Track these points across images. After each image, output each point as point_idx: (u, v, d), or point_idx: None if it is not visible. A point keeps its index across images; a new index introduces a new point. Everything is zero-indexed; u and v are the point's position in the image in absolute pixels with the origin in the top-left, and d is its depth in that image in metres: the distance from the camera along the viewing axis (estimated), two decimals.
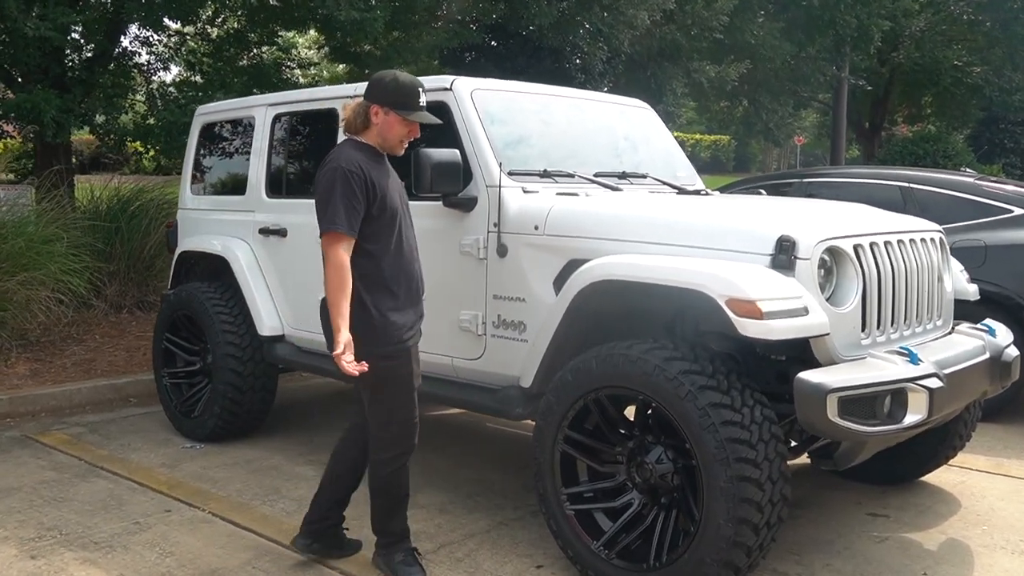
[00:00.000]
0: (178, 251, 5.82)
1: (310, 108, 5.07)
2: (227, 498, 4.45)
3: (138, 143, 8.62)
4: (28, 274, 6.53)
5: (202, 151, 5.95)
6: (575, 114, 4.86)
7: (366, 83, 3.50)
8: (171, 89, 8.92)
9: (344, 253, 3.22)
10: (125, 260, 8.28)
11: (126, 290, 8.29)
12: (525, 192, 4.06)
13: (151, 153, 9.32)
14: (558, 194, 4.07)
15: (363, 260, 3.29)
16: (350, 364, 3.15)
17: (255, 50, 9.41)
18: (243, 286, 5.23)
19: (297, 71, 13.66)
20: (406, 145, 3.42)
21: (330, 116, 4.88)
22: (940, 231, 4.10)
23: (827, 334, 3.20)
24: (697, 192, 4.63)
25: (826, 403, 2.98)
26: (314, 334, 4.93)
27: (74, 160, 18.39)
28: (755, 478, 3.03)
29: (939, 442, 4.38)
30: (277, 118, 5.26)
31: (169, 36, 9.30)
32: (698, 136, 35.96)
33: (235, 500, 4.42)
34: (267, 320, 5.16)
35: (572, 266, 3.70)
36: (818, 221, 3.49)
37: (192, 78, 9.26)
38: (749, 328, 3.05)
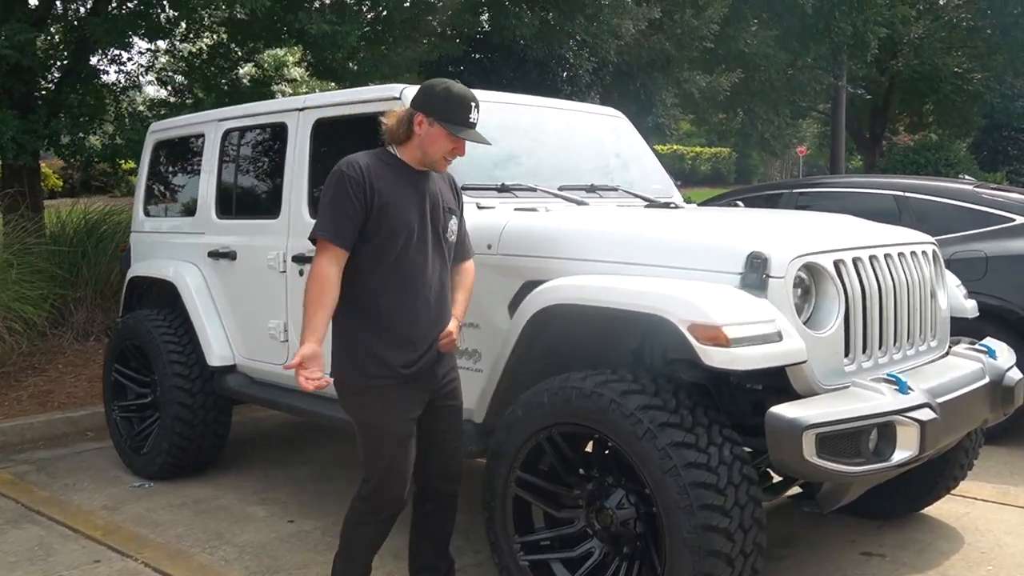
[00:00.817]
0: (128, 276, 5.50)
1: (260, 123, 4.76)
2: (165, 545, 4.10)
3: (105, 164, 8.31)
4: None
5: (155, 170, 5.63)
6: (541, 124, 4.54)
7: (312, 95, 3.16)
8: (141, 108, 8.62)
9: (328, 264, 2.81)
10: (92, 285, 7.96)
11: (93, 316, 7.96)
12: (480, 208, 3.73)
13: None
14: (516, 210, 3.75)
15: (349, 279, 2.87)
16: (304, 379, 2.75)
17: (226, 66, 9.09)
18: (192, 313, 4.90)
19: (283, 87, 13.42)
20: (450, 162, 3.03)
21: (281, 131, 4.57)
22: (933, 243, 3.75)
23: (804, 361, 2.85)
24: (667, 205, 4.29)
25: (802, 441, 2.63)
26: (268, 364, 4.61)
27: (63, 184, 18.22)
28: (724, 527, 2.67)
29: (939, 473, 4.02)
30: (227, 134, 4.95)
31: (140, 54, 9.03)
32: (698, 148, 35.60)
33: (173, 547, 4.07)
34: (217, 349, 4.82)
35: (528, 288, 3.36)
36: (794, 235, 3.14)
37: (165, 97, 8.96)
38: (714, 357, 2.70)
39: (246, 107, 4.98)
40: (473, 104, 2.92)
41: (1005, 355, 3.58)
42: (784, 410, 2.68)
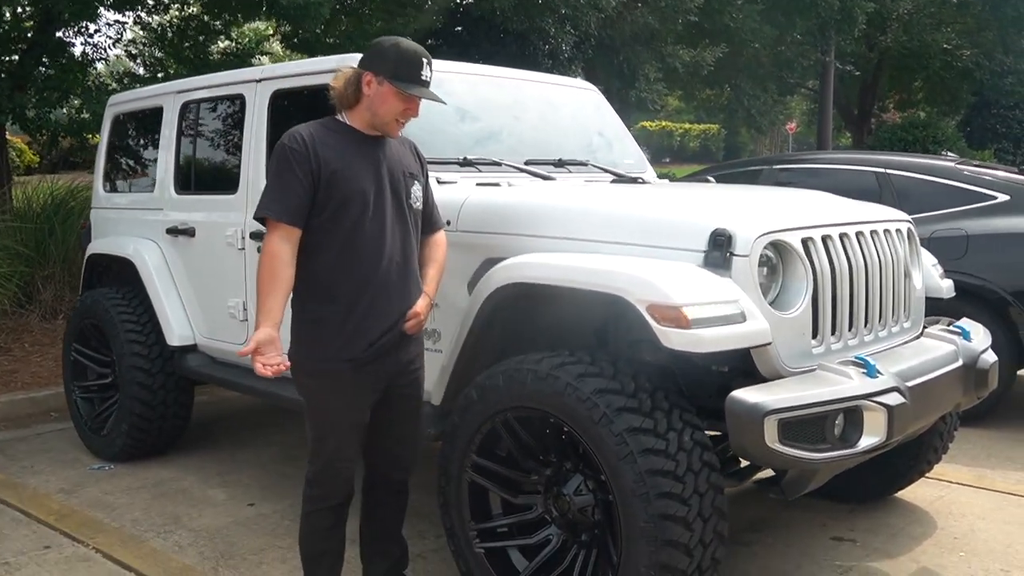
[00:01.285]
0: (87, 253, 5.34)
1: (218, 94, 4.59)
2: (119, 530, 3.98)
3: (72, 138, 8.11)
4: None
5: (114, 144, 5.46)
6: (509, 96, 4.39)
7: (269, 65, 2.98)
8: (108, 82, 8.41)
9: (278, 243, 2.64)
10: (60, 263, 7.80)
11: (61, 294, 7.81)
12: (440, 183, 3.59)
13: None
14: (477, 184, 3.61)
15: (304, 256, 2.70)
16: (261, 364, 2.60)
17: (201, 40, 8.87)
18: (150, 291, 4.75)
19: (264, 62, 13.16)
20: (403, 125, 2.81)
21: (239, 103, 4.41)
22: (908, 221, 3.62)
23: (768, 343, 2.74)
24: (635, 180, 4.15)
25: (763, 427, 2.52)
26: (228, 344, 4.48)
27: (39, 160, 17.92)
28: (682, 516, 2.56)
29: (912, 456, 3.93)
30: (185, 106, 4.78)
31: (108, 25, 8.80)
32: (687, 125, 35.38)
33: (127, 532, 3.95)
34: (176, 329, 4.69)
35: (488, 266, 3.22)
36: (760, 212, 3.01)
37: (133, 70, 8.74)
38: (673, 339, 2.58)
39: (204, 78, 4.81)
40: (425, 61, 2.73)
41: (980, 337, 3.47)
42: (745, 395, 2.56)
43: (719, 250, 2.78)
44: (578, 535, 2.92)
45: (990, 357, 3.35)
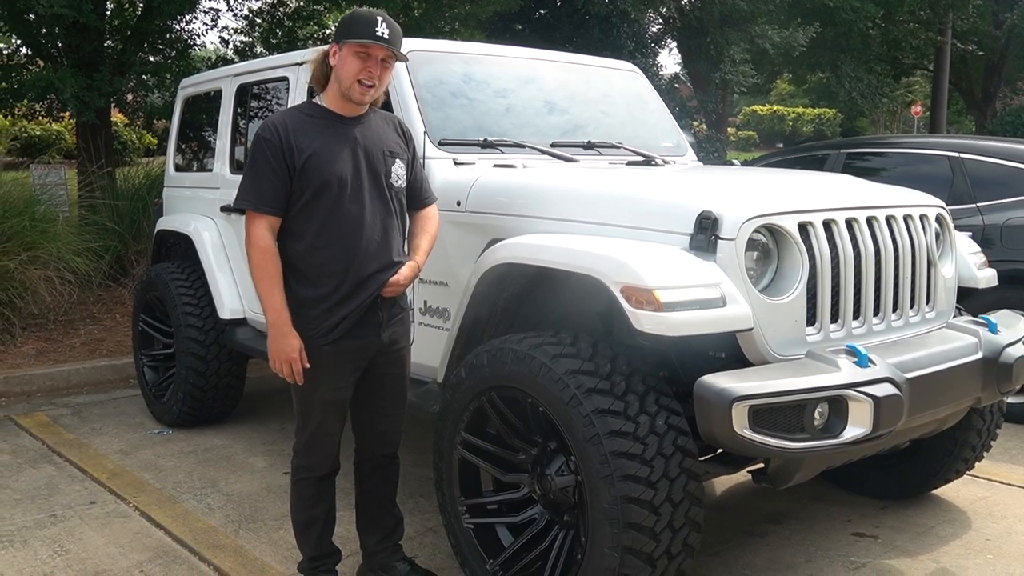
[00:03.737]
0: (156, 230, 5.64)
1: (266, 77, 4.77)
2: (160, 491, 4.22)
3: (165, 121, 8.54)
4: (31, 254, 6.51)
5: (183, 125, 5.75)
6: (545, 79, 4.39)
7: (309, 49, 3.05)
8: (200, 67, 8.81)
9: (261, 232, 2.73)
10: (152, 239, 8.23)
11: None
12: (456, 164, 3.65)
13: None
14: (494, 166, 3.64)
15: (284, 238, 2.79)
16: (289, 368, 2.77)
17: (289, 24, 9.18)
18: (205, 267, 5.00)
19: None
20: (369, 88, 2.77)
21: (285, 85, 4.57)
22: (940, 206, 3.45)
23: (750, 329, 2.67)
24: (650, 161, 4.07)
25: (731, 413, 2.46)
26: None
27: (159, 142, 18.85)
28: (647, 500, 2.54)
29: (946, 454, 3.76)
30: (240, 89, 4.99)
31: (203, 12, 9.21)
32: (800, 109, 34.20)
33: (168, 493, 4.19)
34: (228, 303, 4.91)
35: (492, 246, 3.26)
36: (754, 195, 2.93)
37: (225, 55, 9.12)
38: (644, 321, 2.56)
39: (256, 62, 5.00)
40: (379, 19, 2.73)
41: (1011, 330, 3.27)
42: (714, 380, 2.51)
43: (704, 233, 2.73)
44: (561, 515, 2.93)
45: (1017, 351, 3.16)
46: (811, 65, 13.29)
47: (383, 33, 2.72)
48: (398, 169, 2.89)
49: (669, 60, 53.14)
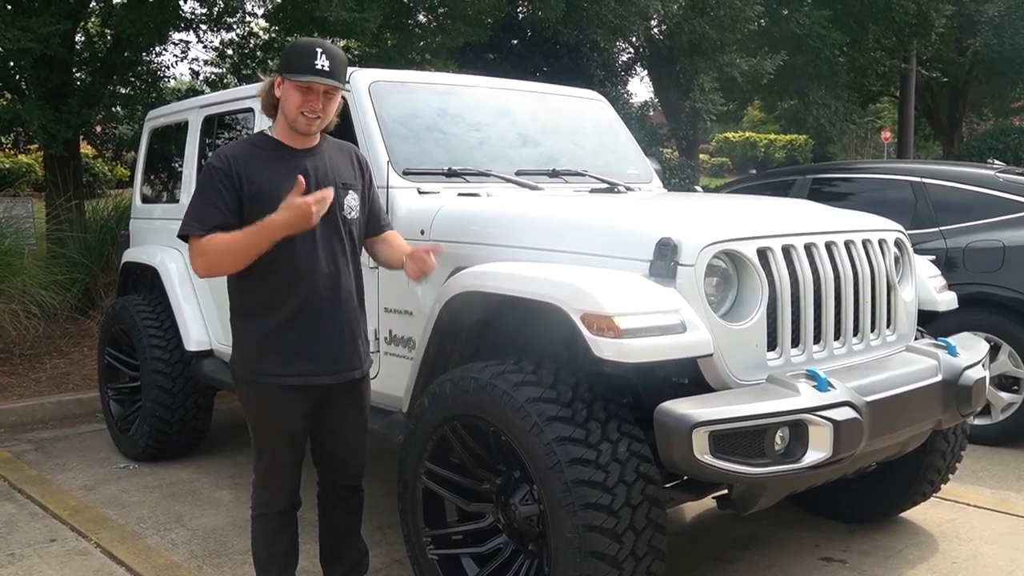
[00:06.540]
0: (122, 262, 5.60)
1: (232, 108, 4.77)
2: (123, 527, 4.15)
3: (134, 152, 8.51)
4: None
5: (150, 157, 5.72)
6: (510, 107, 4.42)
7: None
8: (169, 99, 8.80)
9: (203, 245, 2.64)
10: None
11: None
12: (420, 193, 3.65)
13: None
14: (458, 195, 3.65)
15: (236, 275, 2.75)
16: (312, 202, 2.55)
17: (260, 55, 9.20)
18: (172, 298, 4.96)
19: None
20: (313, 120, 2.72)
21: (251, 117, 4.57)
22: (899, 230, 3.49)
23: (709, 354, 2.68)
24: (613, 188, 4.09)
25: (691, 439, 2.47)
26: None
27: (131, 175, 18.75)
28: (610, 528, 2.54)
29: (912, 477, 3.78)
30: (207, 120, 4.98)
31: (173, 44, 9.21)
32: (772, 136, 34.62)
33: (130, 529, 4.12)
34: (194, 335, 4.87)
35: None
36: (713, 221, 2.96)
37: (195, 85, 9.12)
38: (604, 348, 2.56)
39: (221, 93, 5.01)
40: (319, 50, 2.66)
41: (970, 352, 3.31)
42: (674, 406, 2.52)
43: (664, 259, 2.75)
44: (526, 545, 2.91)
45: (976, 374, 3.19)
46: (780, 92, 13.49)
47: (323, 66, 2.66)
48: (351, 201, 2.87)
49: (640, 88, 53.74)
